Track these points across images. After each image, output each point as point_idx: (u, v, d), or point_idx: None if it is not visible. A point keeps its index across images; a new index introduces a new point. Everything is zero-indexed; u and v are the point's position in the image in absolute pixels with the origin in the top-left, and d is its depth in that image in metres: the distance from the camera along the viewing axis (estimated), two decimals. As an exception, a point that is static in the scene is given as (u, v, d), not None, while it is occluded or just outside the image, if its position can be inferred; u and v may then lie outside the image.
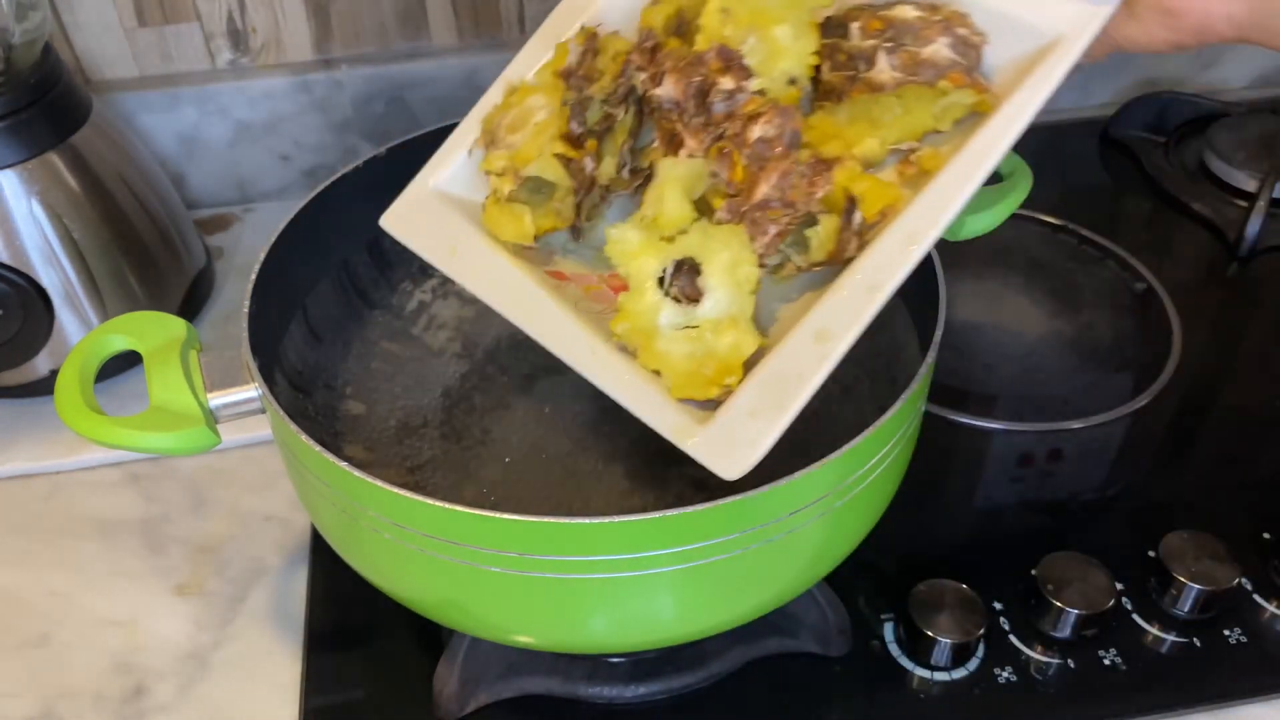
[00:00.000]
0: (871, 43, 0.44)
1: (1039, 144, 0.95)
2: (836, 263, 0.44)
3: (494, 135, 0.49)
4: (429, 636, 0.58)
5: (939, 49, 0.43)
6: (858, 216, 0.43)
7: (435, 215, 0.51)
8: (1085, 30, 0.43)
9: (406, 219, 0.52)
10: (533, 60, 0.51)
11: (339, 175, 0.58)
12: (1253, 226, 0.83)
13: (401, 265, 0.64)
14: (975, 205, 0.55)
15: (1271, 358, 0.76)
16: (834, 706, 0.56)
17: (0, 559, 0.64)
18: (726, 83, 0.43)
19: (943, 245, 0.53)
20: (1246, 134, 0.92)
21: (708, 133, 0.44)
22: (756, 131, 0.42)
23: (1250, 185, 0.88)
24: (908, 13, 0.44)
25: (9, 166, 0.66)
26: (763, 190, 0.42)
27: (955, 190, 0.43)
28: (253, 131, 0.87)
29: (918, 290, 0.53)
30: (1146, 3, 0.42)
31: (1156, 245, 0.85)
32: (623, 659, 0.56)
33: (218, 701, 0.57)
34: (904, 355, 0.57)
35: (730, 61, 0.44)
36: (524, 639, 0.50)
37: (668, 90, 0.44)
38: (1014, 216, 0.56)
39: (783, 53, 0.45)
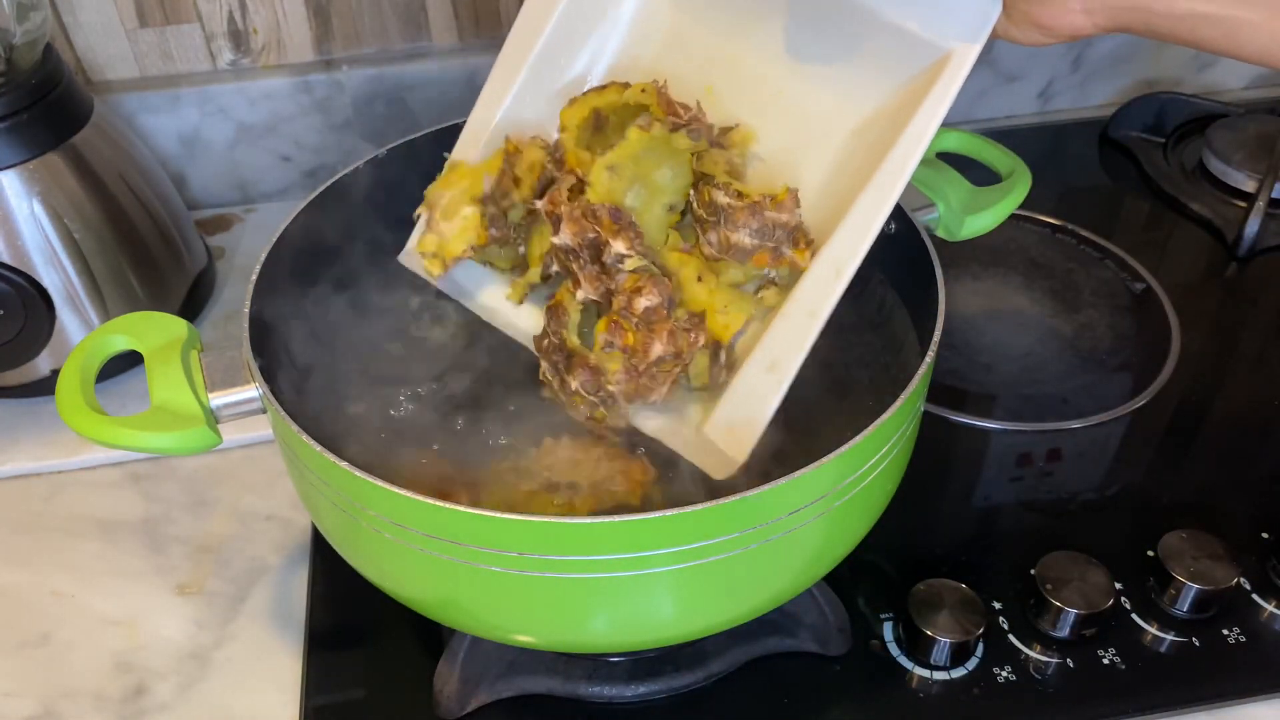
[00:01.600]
0: (702, 214, 0.50)
1: (1038, 145, 0.97)
2: (713, 388, 0.50)
3: (432, 211, 0.53)
4: (429, 636, 0.58)
5: (742, 237, 0.49)
6: (722, 356, 0.50)
7: None
8: (975, 42, 0.47)
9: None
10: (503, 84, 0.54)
11: (339, 176, 0.58)
12: (1251, 226, 0.83)
13: (402, 265, 0.64)
14: (975, 205, 0.55)
15: (1270, 357, 0.76)
16: (833, 706, 0.56)
17: (1, 559, 0.64)
18: (619, 245, 0.49)
19: (943, 245, 0.54)
20: (1245, 134, 0.92)
21: (600, 282, 0.50)
22: (642, 303, 0.48)
23: (1249, 185, 0.88)
24: (720, 198, 0.49)
25: (10, 167, 0.66)
26: (657, 349, 0.48)
27: (870, 217, 0.47)
28: (254, 132, 0.87)
29: (917, 290, 0.54)
30: (1020, 15, 0.47)
31: (1155, 245, 0.86)
32: (623, 659, 0.56)
33: (218, 701, 0.57)
34: (903, 355, 0.57)
35: (622, 223, 0.49)
36: (524, 639, 0.50)
37: (563, 238, 0.49)
38: (1013, 217, 0.56)
39: (663, 190, 0.52)
